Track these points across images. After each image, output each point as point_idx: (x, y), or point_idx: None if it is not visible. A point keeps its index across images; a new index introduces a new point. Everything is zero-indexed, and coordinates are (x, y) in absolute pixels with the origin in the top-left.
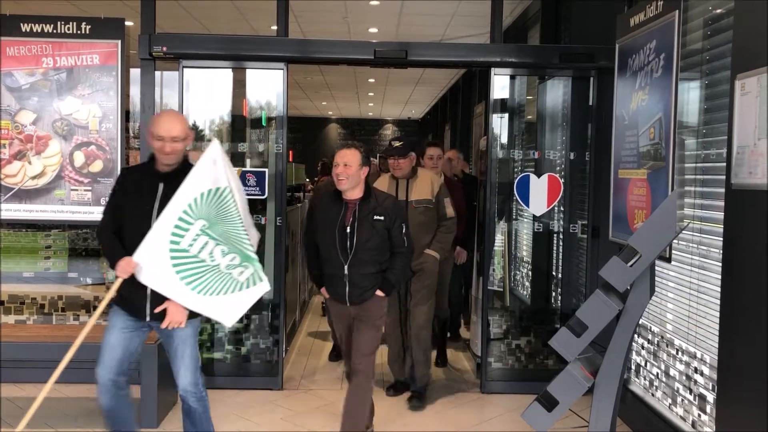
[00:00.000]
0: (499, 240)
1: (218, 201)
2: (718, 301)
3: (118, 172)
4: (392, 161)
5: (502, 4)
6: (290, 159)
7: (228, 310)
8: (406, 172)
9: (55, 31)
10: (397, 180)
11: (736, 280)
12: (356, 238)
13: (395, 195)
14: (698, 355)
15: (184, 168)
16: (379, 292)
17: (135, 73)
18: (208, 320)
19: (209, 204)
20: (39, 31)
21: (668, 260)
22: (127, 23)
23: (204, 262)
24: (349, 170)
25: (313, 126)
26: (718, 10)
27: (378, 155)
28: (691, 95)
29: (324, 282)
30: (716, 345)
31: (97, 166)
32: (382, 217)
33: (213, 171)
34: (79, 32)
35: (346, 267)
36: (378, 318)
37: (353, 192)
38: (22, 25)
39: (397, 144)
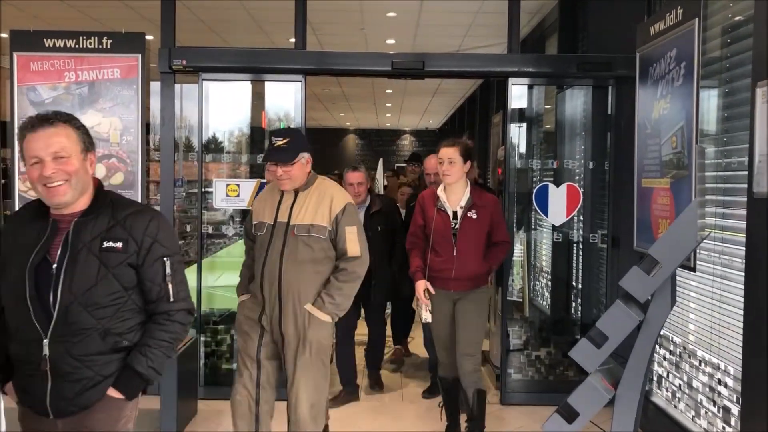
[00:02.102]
0: (518, 250)
1: None
2: (742, 311)
3: (140, 185)
4: (273, 170)
5: (519, 14)
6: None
7: None
8: (298, 184)
9: (77, 46)
10: (283, 192)
11: (759, 290)
12: (63, 284)
13: (274, 215)
14: (722, 366)
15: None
16: (112, 392)
17: (155, 86)
18: (228, 330)
19: None
20: (61, 46)
21: (693, 269)
22: (148, 37)
23: None
24: (66, 166)
25: (331, 137)
26: (738, 18)
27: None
28: (711, 103)
29: (11, 373)
30: (740, 356)
31: (118, 179)
32: (119, 244)
33: None
34: (100, 47)
35: (46, 342)
36: None
37: (72, 202)
38: (45, 40)
39: (279, 142)
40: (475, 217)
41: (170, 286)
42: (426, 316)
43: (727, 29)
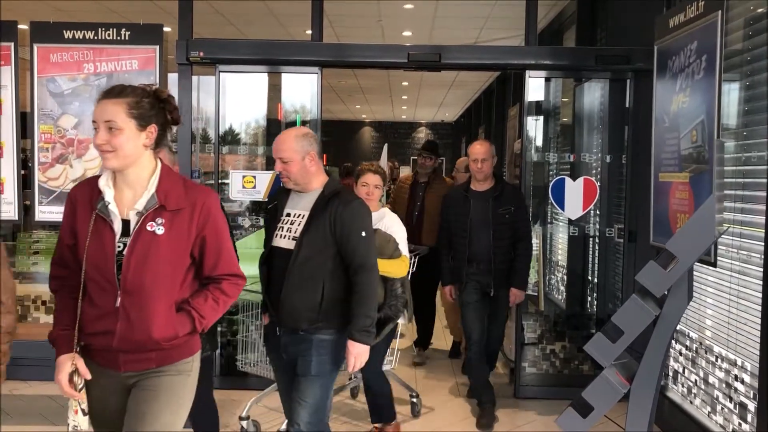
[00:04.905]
0: (534, 244)
1: None
2: (760, 307)
3: None
4: None
5: (536, 6)
6: (324, 163)
7: None
8: None
9: (96, 38)
10: None
11: None
12: None
13: None
14: (738, 362)
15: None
16: None
17: (172, 77)
18: (245, 320)
19: None
20: (81, 37)
21: (713, 264)
22: (165, 29)
23: None
24: None
25: (346, 130)
26: (760, 10)
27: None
28: (731, 97)
29: None
30: (757, 352)
31: None
32: None
33: None
34: (118, 38)
35: None
36: None
37: None
38: (64, 32)
39: None
40: (161, 231)
41: None
42: (73, 421)
43: (749, 22)
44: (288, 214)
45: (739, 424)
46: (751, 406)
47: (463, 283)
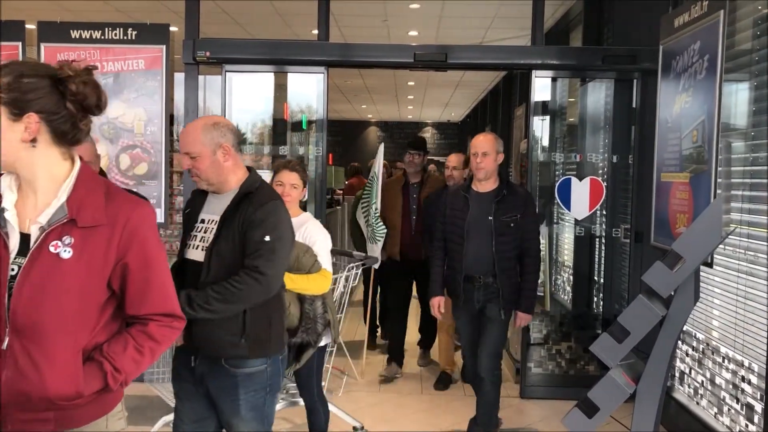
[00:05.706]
0: (540, 244)
1: None
2: (767, 308)
3: (163, 175)
4: None
5: (543, 5)
6: (330, 162)
7: None
8: None
9: (102, 37)
10: None
11: None
12: None
13: None
14: (745, 363)
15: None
16: None
17: (179, 77)
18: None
19: None
20: (88, 37)
21: (710, 265)
22: (172, 29)
23: None
24: None
25: (352, 129)
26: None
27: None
28: (739, 97)
29: None
30: (764, 353)
31: (141, 169)
32: None
33: None
34: (125, 38)
35: None
36: None
37: None
38: (72, 31)
39: None
40: (67, 254)
41: None
42: None
43: (757, 21)
44: (202, 220)
45: (746, 426)
46: (758, 407)
47: (458, 297)
